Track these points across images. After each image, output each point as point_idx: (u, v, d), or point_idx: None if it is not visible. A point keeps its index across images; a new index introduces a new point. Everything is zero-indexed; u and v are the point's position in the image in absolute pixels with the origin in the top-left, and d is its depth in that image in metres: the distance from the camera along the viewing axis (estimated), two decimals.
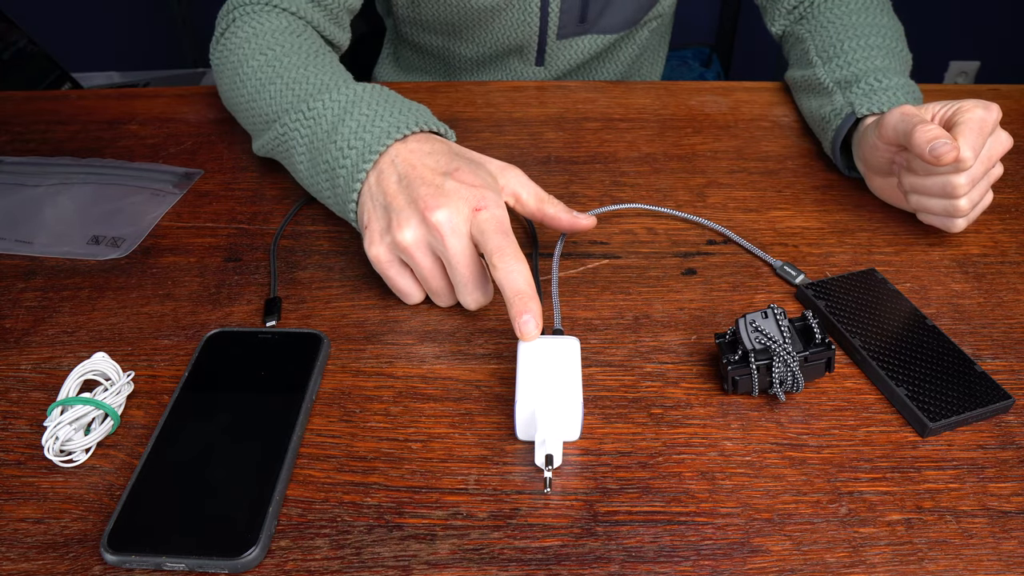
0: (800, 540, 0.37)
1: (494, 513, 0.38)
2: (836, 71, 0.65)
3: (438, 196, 0.45)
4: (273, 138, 0.57)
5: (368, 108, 0.51)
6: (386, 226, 0.47)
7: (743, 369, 0.42)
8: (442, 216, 0.45)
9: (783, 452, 0.41)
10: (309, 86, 0.55)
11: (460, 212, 0.45)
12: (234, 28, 0.63)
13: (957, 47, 2.20)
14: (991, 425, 0.43)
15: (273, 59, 0.59)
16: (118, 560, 0.35)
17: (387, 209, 0.47)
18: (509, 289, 0.43)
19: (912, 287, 0.52)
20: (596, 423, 0.43)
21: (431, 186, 0.46)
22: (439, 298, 0.49)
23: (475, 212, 0.45)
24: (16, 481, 0.40)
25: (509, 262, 0.43)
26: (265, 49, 0.60)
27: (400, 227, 0.46)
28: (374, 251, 0.48)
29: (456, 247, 0.45)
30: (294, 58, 0.58)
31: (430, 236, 0.46)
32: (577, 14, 0.80)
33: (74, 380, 0.42)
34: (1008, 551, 0.37)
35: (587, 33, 0.83)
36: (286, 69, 0.57)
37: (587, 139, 0.69)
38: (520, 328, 0.43)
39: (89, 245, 0.56)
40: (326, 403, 0.44)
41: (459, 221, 0.45)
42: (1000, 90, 0.77)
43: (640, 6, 0.83)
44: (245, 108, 0.60)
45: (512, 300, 0.43)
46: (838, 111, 0.62)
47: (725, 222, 0.58)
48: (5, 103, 0.75)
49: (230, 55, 0.62)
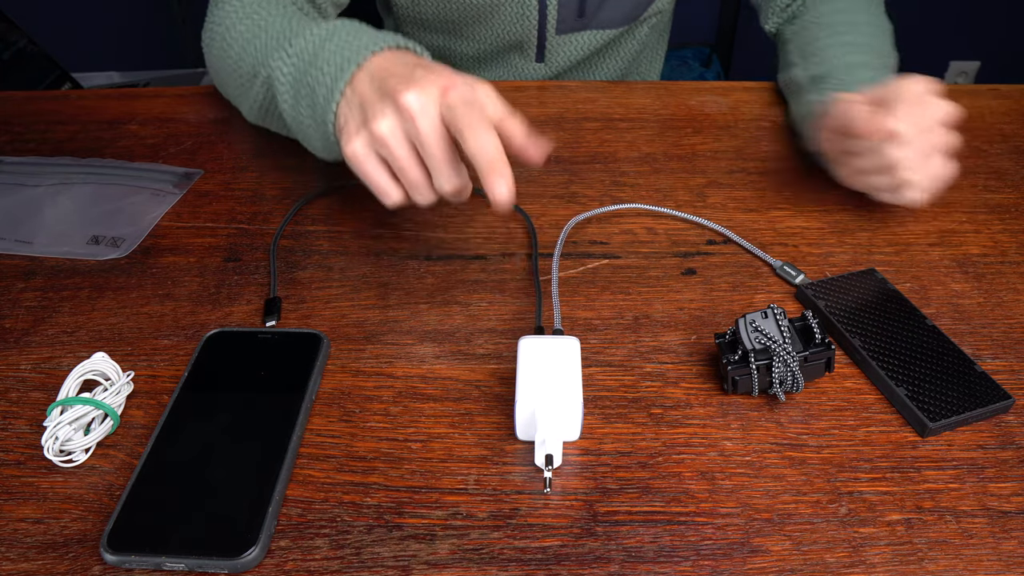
0: (800, 540, 0.37)
1: (494, 513, 0.38)
2: (811, 68, 0.66)
3: (408, 82, 0.46)
4: (259, 88, 0.57)
5: (347, 34, 0.52)
6: (362, 121, 0.47)
7: (743, 369, 0.42)
8: (411, 98, 0.45)
9: (783, 452, 0.41)
10: (289, 32, 0.55)
11: (430, 94, 0.45)
12: (220, 5, 0.64)
13: (957, 47, 2.20)
14: (991, 425, 0.43)
15: (260, 20, 0.60)
16: (118, 560, 0.35)
17: (362, 107, 0.48)
18: (481, 159, 0.44)
19: (912, 287, 0.52)
20: (596, 423, 0.43)
21: (401, 76, 0.46)
22: (417, 191, 0.48)
23: (444, 92, 0.45)
24: (16, 481, 0.40)
25: (479, 134, 0.44)
26: (252, 14, 0.61)
27: (375, 118, 0.46)
28: (350, 148, 0.47)
29: (427, 126, 0.45)
30: (278, 18, 0.59)
31: (403, 122, 0.46)
32: (575, 8, 0.80)
33: (74, 380, 0.42)
34: (1008, 551, 0.37)
35: (586, 28, 0.83)
36: (270, 25, 0.58)
37: (587, 139, 0.69)
38: (493, 193, 0.43)
39: (89, 245, 0.56)
40: (326, 403, 0.44)
41: (428, 102, 0.45)
42: (1000, 90, 0.77)
43: (639, 1, 0.83)
44: (234, 70, 0.61)
45: (484, 169, 0.43)
46: (812, 111, 0.62)
47: (725, 222, 0.58)
48: (5, 103, 0.75)
49: (218, 27, 0.63)
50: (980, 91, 0.77)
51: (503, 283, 0.52)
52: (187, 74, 2.04)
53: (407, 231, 0.58)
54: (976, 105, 0.74)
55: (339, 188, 0.62)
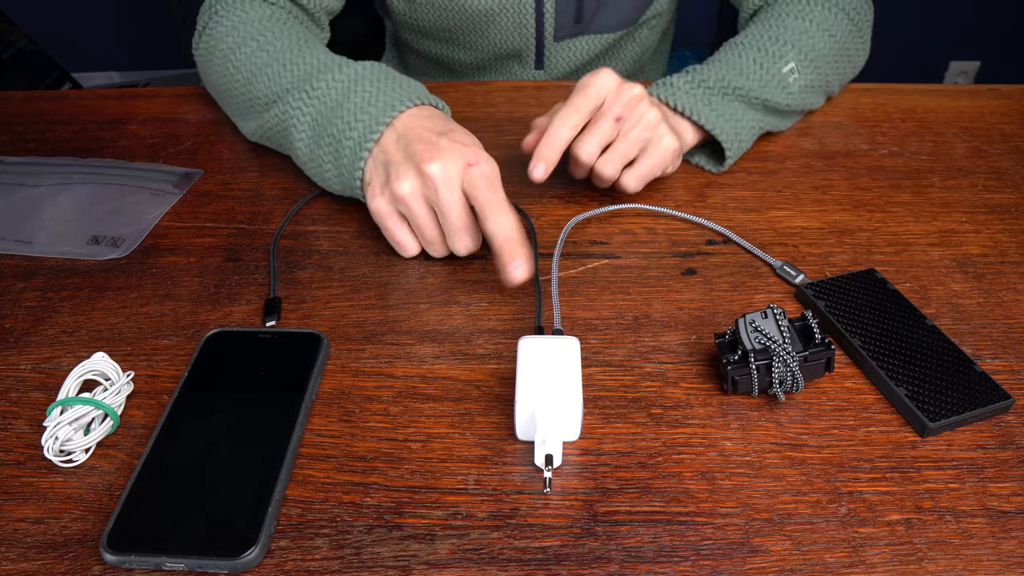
0: (800, 540, 0.37)
1: (494, 513, 0.38)
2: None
3: (433, 151, 0.49)
4: (272, 118, 0.59)
5: (371, 85, 0.55)
6: (385, 180, 0.51)
7: (743, 369, 0.42)
8: (436, 168, 0.48)
9: (783, 452, 0.41)
10: (308, 67, 0.58)
11: (454, 165, 0.49)
12: (217, 19, 0.65)
13: (957, 47, 2.20)
14: (991, 425, 0.43)
15: (266, 44, 0.61)
16: (118, 560, 0.35)
17: (386, 165, 0.51)
18: (499, 238, 0.48)
19: (912, 287, 0.52)
20: (596, 423, 0.43)
21: (427, 143, 0.50)
22: (432, 247, 0.53)
23: (467, 167, 0.49)
24: (16, 481, 0.40)
25: (498, 214, 0.48)
26: (256, 36, 0.62)
27: (398, 179, 0.50)
28: (375, 204, 0.52)
29: (448, 197, 0.49)
30: (287, 42, 0.61)
31: (425, 188, 0.49)
32: (572, 14, 0.80)
33: (74, 380, 0.42)
34: (1008, 551, 0.37)
35: (584, 34, 0.83)
36: (280, 53, 0.60)
37: None
38: (510, 274, 0.48)
39: (89, 245, 0.56)
40: (326, 403, 0.44)
41: (452, 173, 0.49)
42: (1000, 90, 0.77)
43: (637, 4, 0.82)
44: (240, 93, 0.62)
45: (502, 248, 0.48)
46: None
47: (725, 222, 0.58)
48: (5, 103, 0.75)
49: (219, 43, 0.64)
50: (980, 91, 0.77)
51: (503, 283, 0.52)
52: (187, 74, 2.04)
53: None
54: (976, 105, 0.74)
55: None
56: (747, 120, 0.62)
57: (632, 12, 0.83)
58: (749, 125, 0.62)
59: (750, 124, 0.62)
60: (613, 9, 0.81)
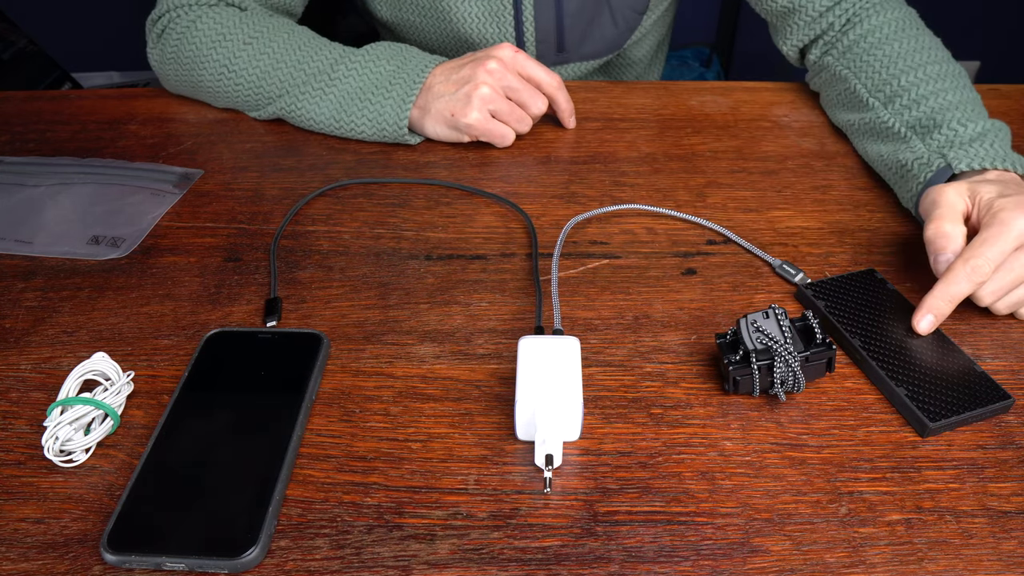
0: (800, 540, 0.37)
1: (494, 513, 0.38)
2: (904, 113, 0.60)
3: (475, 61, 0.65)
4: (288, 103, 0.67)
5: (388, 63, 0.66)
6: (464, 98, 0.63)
7: (744, 369, 0.42)
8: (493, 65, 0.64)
9: (783, 452, 0.41)
10: (320, 62, 0.66)
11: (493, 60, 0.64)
12: (187, 23, 0.68)
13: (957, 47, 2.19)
14: (991, 425, 0.43)
15: (263, 47, 0.67)
16: (118, 560, 0.35)
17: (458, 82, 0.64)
18: (547, 88, 0.66)
19: (912, 287, 0.52)
20: (596, 423, 0.43)
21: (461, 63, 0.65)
22: (522, 124, 0.66)
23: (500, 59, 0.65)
24: (16, 481, 0.40)
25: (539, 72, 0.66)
26: (250, 40, 0.67)
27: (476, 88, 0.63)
28: (469, 119, 0.64)
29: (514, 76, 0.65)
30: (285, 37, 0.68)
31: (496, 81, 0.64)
32: (553, 44, 0.79)
33: (74, 380, 0.42)
34: (1008, 551, 0.37)
35: (569, 62, 0.82)
36: (284, 51, 0.66)
37: (587, 139, 0.69)
38: (569, 118, 0.69)
39: (89, 245, 0.56)
40: (326, 403, 0.44)
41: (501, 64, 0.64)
42: (1000, 90, 0.77)
43: (620, 32, 0.81)
44: (247, 90, 0.68)
45: (555, 96, 0.67)
46: (925, 161, 0.56)
47: (725, 222, 0.58)
48: (5, 103, 0.75)
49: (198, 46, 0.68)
50: (980, 91, 0.77)
51: (503, 283, 0.52)
52: None
53: (407, 231, 0.58)
54: None
55: (339, 188, 0.62)
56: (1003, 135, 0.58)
57: (616, 39, 0.82)
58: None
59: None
60: (596, 38, 0.81)
